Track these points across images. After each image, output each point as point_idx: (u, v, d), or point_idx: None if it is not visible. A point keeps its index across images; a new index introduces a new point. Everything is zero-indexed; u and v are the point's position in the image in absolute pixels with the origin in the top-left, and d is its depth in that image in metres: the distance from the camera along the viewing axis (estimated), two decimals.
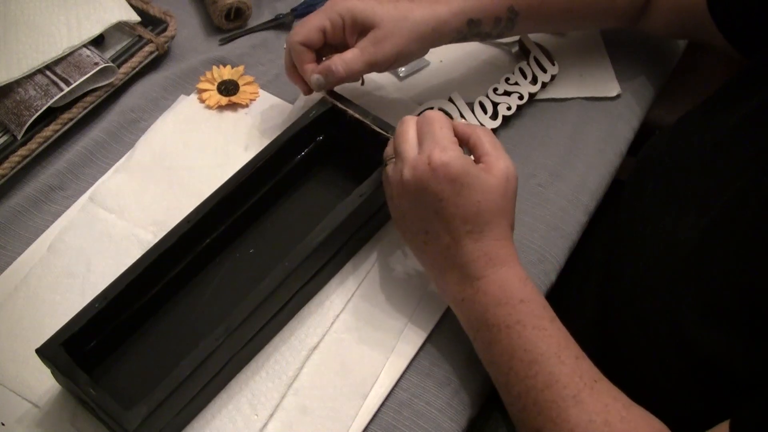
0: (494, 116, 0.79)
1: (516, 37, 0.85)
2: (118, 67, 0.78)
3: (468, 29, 0.71)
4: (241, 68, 0.81)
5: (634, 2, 0.78)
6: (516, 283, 0.58)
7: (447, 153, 0.57)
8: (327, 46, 0.70)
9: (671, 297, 0.60)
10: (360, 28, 0.68)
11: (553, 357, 0.55)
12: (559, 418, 0.53)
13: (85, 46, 0.76)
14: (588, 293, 0.77)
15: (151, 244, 0.60)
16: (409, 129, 0.61)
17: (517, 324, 0.56)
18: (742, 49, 0.72)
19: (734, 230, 0.57)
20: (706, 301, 0.57)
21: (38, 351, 0.54)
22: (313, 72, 0.69)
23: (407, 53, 0.69)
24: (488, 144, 0.60)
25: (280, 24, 0.87)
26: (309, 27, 0.68)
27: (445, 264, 0.60)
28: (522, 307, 0.57)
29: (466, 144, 0.61)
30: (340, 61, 0.68)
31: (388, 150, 0.64)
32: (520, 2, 0.72)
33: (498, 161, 0.59)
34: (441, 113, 0.62)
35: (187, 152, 0.75)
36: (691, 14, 0.75)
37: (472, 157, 0.61)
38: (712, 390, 0.58)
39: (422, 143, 0.59)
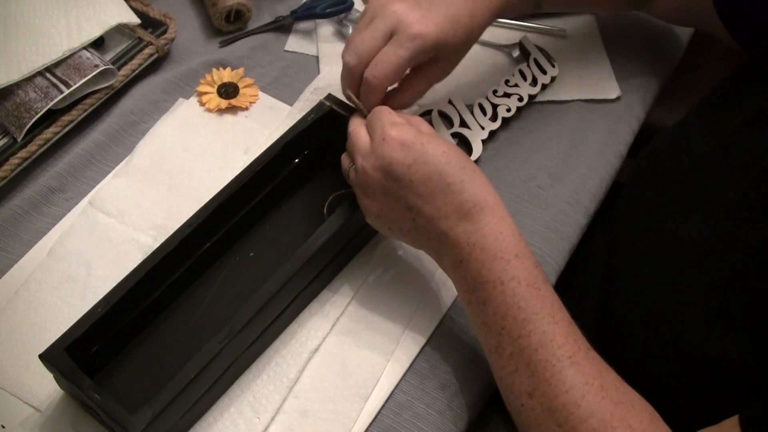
0: (494, 118, 0.79)
1: (516, 39, 0.85)
2: (118, 69, 0.77)
3: (501, 11, 0.70)
4: (241, 70, 0.81)
5: None
6: (509, 237, 0.56)
7: (396, 126, 0.58)
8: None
9: (676, 300, 0.59)
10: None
11: (548, 316, 0.54)
12: (553, 378, 0.52)
13: (85, 48, 0.76)
14: (588, 296, 0.77)
15: (151, 249, 0.60)
16: (356, 128, 0.61)
17: (512, 280, 0.55)
18: (743, 40, 0.72)
19: (738, 233, 0.57)
20: (713, 304, 0.56)
21: (42, 356, 0.54)
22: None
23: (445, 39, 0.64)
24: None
25: (280, 26, 0.87)
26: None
27: (436, 234, 0.58)
28: (517, 263, 0.55)
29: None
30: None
31: (344, 163, 0.63)
32: None
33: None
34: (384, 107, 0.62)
35: (187, 156, 0.75)
36: (693, 1, 0.75)
37: None
38: (715, 392, 0.58)
39: (372, 134, 0.60)
